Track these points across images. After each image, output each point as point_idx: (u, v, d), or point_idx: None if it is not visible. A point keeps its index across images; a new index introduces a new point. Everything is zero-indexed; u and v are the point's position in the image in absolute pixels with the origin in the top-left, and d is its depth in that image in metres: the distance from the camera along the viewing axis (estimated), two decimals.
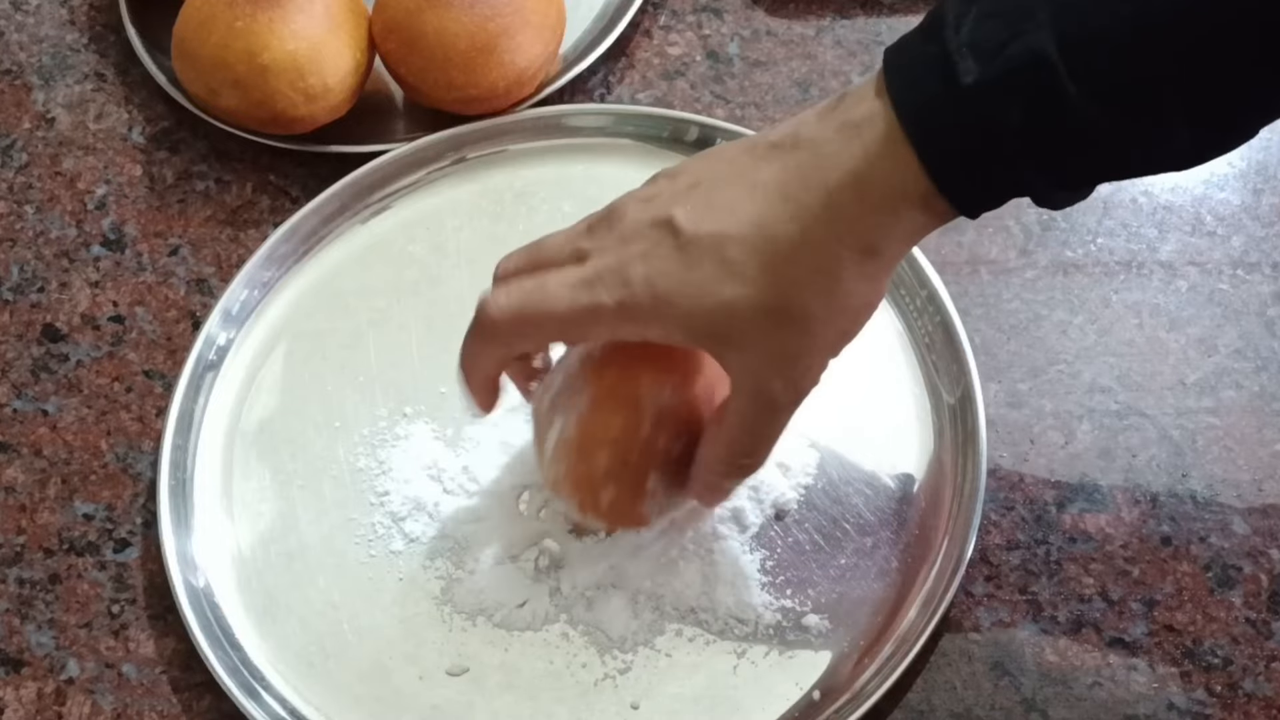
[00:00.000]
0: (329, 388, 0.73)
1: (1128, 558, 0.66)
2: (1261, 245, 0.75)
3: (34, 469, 0.72)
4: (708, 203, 0.54)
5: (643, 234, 0.55)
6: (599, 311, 0.55)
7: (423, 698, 0.65)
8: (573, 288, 0.56)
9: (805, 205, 0.53)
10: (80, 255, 0.78)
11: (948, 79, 0.51)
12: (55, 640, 0.67)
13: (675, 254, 0.54)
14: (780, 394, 0.56)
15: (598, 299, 0.55)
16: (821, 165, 0.53)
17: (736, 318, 0.54)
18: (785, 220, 0.53)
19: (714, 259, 0.53)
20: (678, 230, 0.54)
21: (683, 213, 0.54)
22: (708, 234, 0.54)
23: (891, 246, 0.54)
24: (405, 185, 0.78)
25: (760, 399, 0.56)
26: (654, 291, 0.54)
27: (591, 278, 0.55)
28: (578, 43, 0.83)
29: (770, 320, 0.54)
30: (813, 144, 0.54)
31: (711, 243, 0.54)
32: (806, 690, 0.64)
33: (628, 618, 0.65)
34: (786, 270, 0.53)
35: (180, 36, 0.78)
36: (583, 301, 0.55)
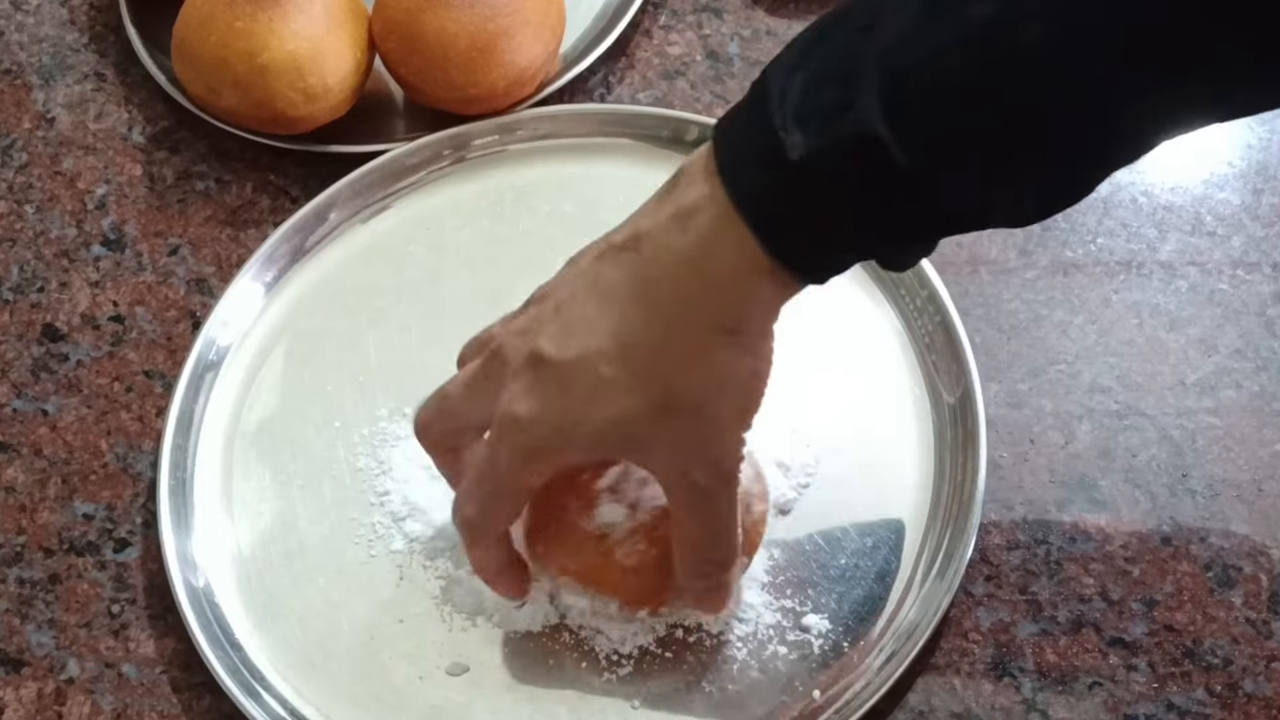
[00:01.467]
0: (329, 388, 0.73)
1: (1128, 558, 0.66)
2: (1261, 245, 0.75)
3: (34, 469, 0.72)
4: (567, 326, 0.55)
5: (521, 373, 0.56)
6: (515, 463, 0.57)
7: (423, 698, 0.65)
8: (493, 455, 0.57)
9: (655, 303, 0.53)
10: (80, 255, 0.78)
11: (775, 156, 0.50)
12: (55, 640, 0.67)
13: (552, 385, 0.55)
14: (705, 481, 0.56)
15: (508, 453, 0.57)
16: (661, 260, 0.53)
17: (631, 426, 0.55)
18: (641, 324, 0.53)
19: (587, 381, 0.54)
20: (546, 362, 0.55)
21: (548, 342, 0.55)
22: (574, 359, 0.54)
23: (753, 319, 0.54)
24: (405, 185, 0.78)
25: (691, 492, 0.57)
26: (544, 427, 0.55)
27: (496, 438, 0.57)
28: (578, 43, 0.83)
29: (663, 419, 0.54)
30: (650, 238, 0.54)
31: (579, 366, 0.54)
32: (806, 690, 0.64)
33: (628, 618, 0.65)
34: (658, 370, 0.54)
35: (180, 36, 0.78)
36: (503, 463, 0.57)
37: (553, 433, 0.55)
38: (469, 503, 0.60)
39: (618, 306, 0.54)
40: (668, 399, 0.54)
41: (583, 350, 0.54)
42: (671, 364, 0.54)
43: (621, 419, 0.54)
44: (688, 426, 0.55)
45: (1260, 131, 0.78)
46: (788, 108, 0.49)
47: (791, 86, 0.50)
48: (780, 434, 0.68)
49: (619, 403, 0.54)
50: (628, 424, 0.54)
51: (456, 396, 0.60)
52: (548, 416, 0.55)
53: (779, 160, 0.49)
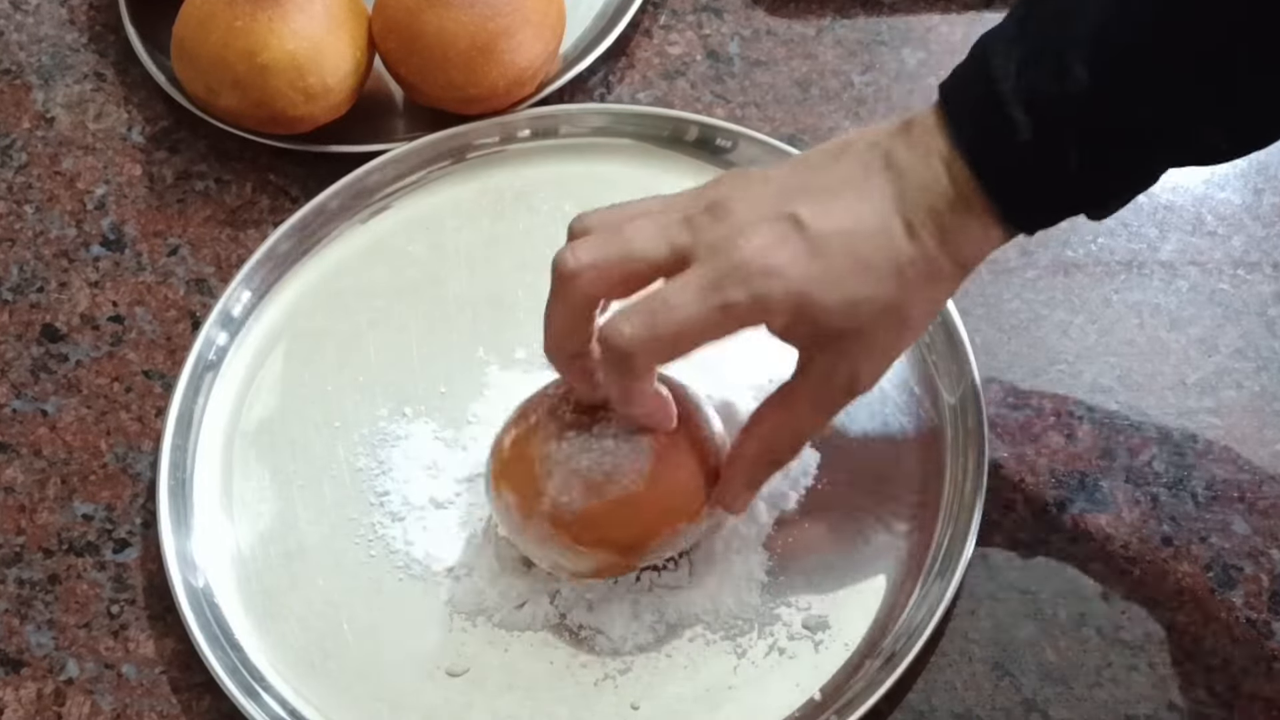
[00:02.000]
0: (329, 388, 0.73)
1: (1128, 558, 0.66)
2: (1262, 245, 0.75)
3: (33, 469, 0.72)
4: (827, 203, 0.56)
5: (763, 228, 0.56)
6: (733, 310, 0.55)
7: (423, 698, 0.65)
8: (699, 293, 0.55)
9: (918, 223, 0.56)
10: (80, 255, 0.78)
11: (1007, 136, 0.55)
12: (55, 640, 0.67)
13: (805, 247, 0.55)
14: (865, 384, 0.59)
15: (730, 298, 0.55)
16: (926, 191, 0.56)
17: (862, 310, 0.56)
18: (904, 232, 0.56)
19: (846, 255, 0.56)
20: (804, 225, 0.56)
21: (806, 210, 0.56)
22: (835, 231, 0.56)
23: (978, 261, 0.58)
24: (405, 185, 0.78)
25: (845, 388, 0.59)
26: (789, 284, 0.55)
27: (718, 278, 0.55)
28: (578, 42, 0.83)
29: (888, 318, 0.57)
30: (910, 170, 0.57)
31: (842, 240, 0.56)
32: (806, 690, 0.64)
33: (628, 618, 0.65)
34: (909, 275, 0.56)
35: (180, 36, 0.78)
36: (714, 305, 0.55)
37: (799, 288, 0.55)
38: (631, 325, 0.56)
39: (884, 209, 0.56)
40: (900, 303, 0.57)
41: (847, 227, 0.56)
42: (917, 277, 0.57)
43: (867, 300, 0.56)
44: (895, 335, 0.58)
45: None
46: (1010, 83, 0.55)
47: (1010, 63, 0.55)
48: None
49: (865, 286, 0.56)
50: (864, 307, 0.56)
51: (646, 237, 0.57)
52: (800, 273, 0.55)
53: (1011, 141, 0.55)
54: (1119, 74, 0.54)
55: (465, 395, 0.71)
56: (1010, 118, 0.55)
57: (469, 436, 0.70)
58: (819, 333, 0.57)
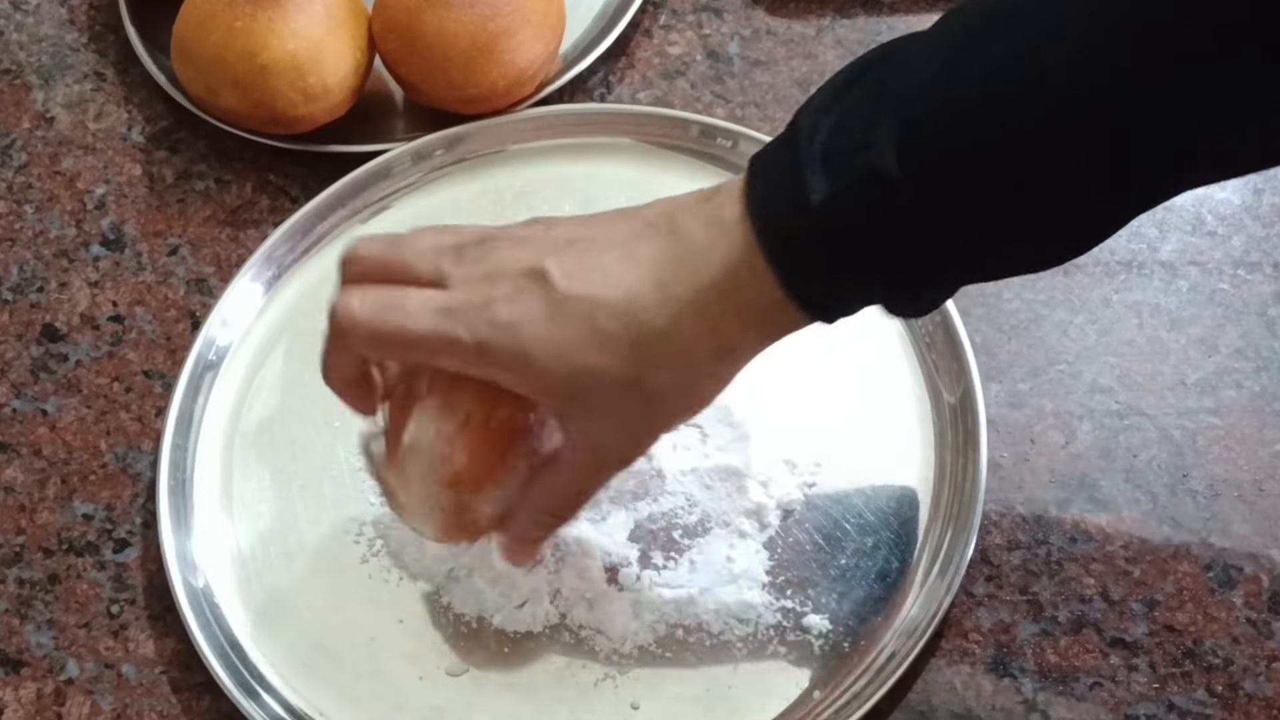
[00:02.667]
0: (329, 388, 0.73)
1: (1128, 558, 0.66)
2: (1262, 245, 0.75)
3: (34, 469, 0.72)
4: (582, 263, 0.55)
5: (512, 277, 0.55)
6: (455, 344, 0.55)
7: (423, 698, 0.65)
8: (433, 313, 0.55)
9: (676, 297, 0.54)
10: (80, 255, 0.78)
11: (798, 195, 0.51)
12: (55, 640, 0.67)
13: (543, 307, 0.54)
14: (614, 458, 0.58)
15: (455, 332, 0.55)
16: (692, 261, 0.54)
17: (595, 384, 0.54)
18: (657, 306, 0.54)
19: (584, 323, 0.54)
20: (549, 284, 0.54)
21: (557, 266, 0.54)
22: (580, 295, 0.54)
23: (747, 349, 0.56)
24: (405, 185, 0.78)
25: (597, 459, 0.58)
26: (516, 340, 0.54)
27: (453, 308, 0.55)
28: (578, 43, 0.83)
29: (626, 394, 0.55)
30: (687, 236, 0.54)
31: (583, 305, 0.54)
32: (806, 690, 0.64)
33: (628, 618, 0.65)
34: (651, 353, 0.54)
35: (180, 36, 0.78)
36: (441, 329, 0.55)
37: (515, 350, 0.54)
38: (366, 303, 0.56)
39: (639, 276, 0.54)
40: (642, 381, 0.54)
41: (591, 293, 0.54)
42: (662, 355, 0.54)
43: (592, 374, 0.54)
44: (639, 412, 0.56)
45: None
46: (815, 147, 0.51)
47: (820, 128, 0.51)
48: (784, 433, 0.69)
49: (598, 359, 0.54)
50: (594, 381, 0.54)
51: (416, 247, 0.57)
52: (523, 334, 0.54)
53: (801, 201, 0.51)
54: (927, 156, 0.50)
55: None
56: (804, 179, 0.51)
57: None
58: (551, 399, 0.56)
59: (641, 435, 0.57)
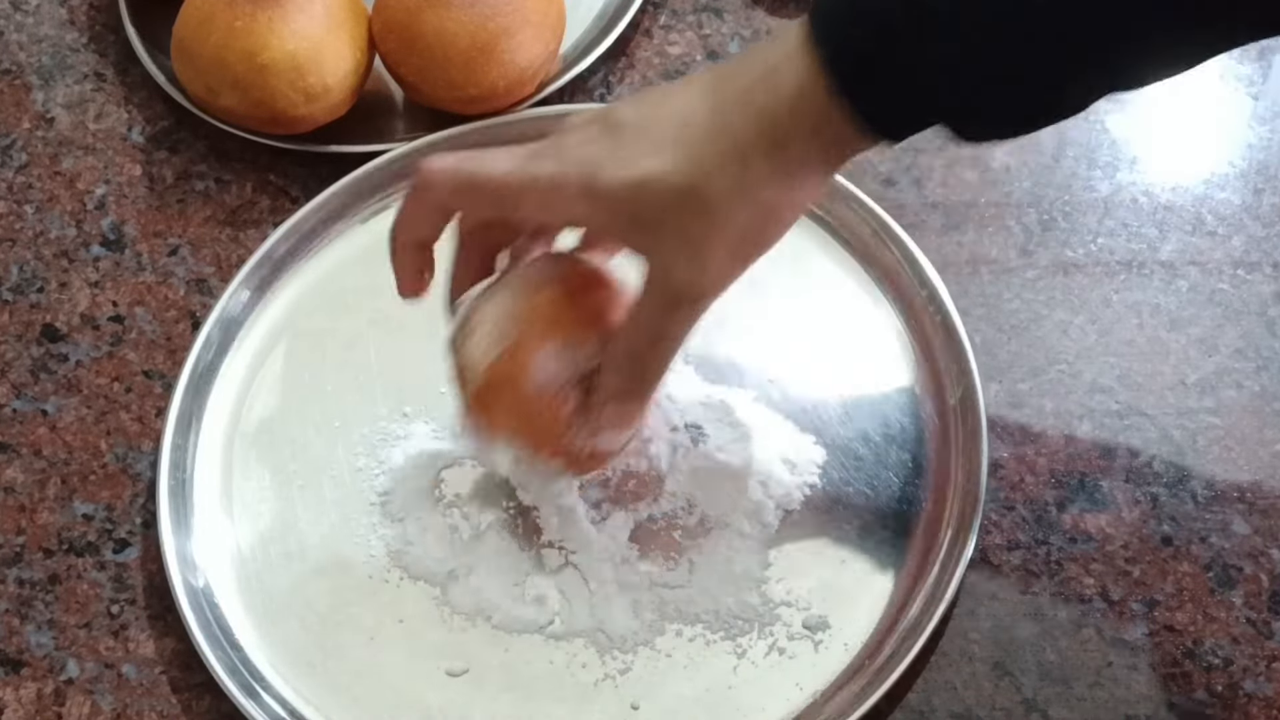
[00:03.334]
0: (329, 388, 0.73)
1: (1128, 558, 0.66)
2: (1262, 245, 0.75)
3: (34, 469, 0.72)
4: (642, 100, 0.58)
5: (582, 127, 0.58)
6: (533, 181, 0.58)
7: (423, 698, 0.65)
8: (511, 157, 0.59)
9: (723, 96, 0.56)
10: (80, 255, 0.78)
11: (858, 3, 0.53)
12: (55, 640, 0.67)
13: (608, 136, 0.57)
14: (682, 284, 0.57)
15: (533, 169, 0.58)
16: (741, 65, 0.56)
17: (651, 193, 0.55)
18: (704, 108, 0.56)
19: (639, 137, 0.56)
20: (613, 120, 0.57)
21: (621, 108, 0.58)
22: (637, 117, 0.57)
23: (800, 146, 0.55)
24: (405, 185, 0.78)
25: (664, 289, 0.58)
26: (581, 166, 0.57)
27: (530, 153, 0.59)
28: (578, 43, 0.83)
29: (681, 201, 0.55)
30: (740, 57, 0.57)
31: (639, 125, 0.57)
32: (806, 690, 0.64)
33: (628, 618, 0.65)
34: (699, 150, 0.55)
35: (180, 36, 0.78)
36: (518, 169, 0.58)
37: (582, 173, 0.56)
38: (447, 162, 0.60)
39: (691, 92, 0.57)
40: (698, 185, 0.55)
41: (649, 113, 0.57)
42: (710, 151, 0.55)
43: (652, 179, 0.55)
44: (698, 224, 0.56)
45: (1261, 131, 0.78)
46: None
47: None
48: (785, 433, 0.69)
49: (658, 163, 0.55)
50: (654, 187, 0.56)
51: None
52: (589, 156, 0.57)
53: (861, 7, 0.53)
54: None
55: None
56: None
57: None
58: (617, 219, 0.57)
59: (705, 251, 0.57)
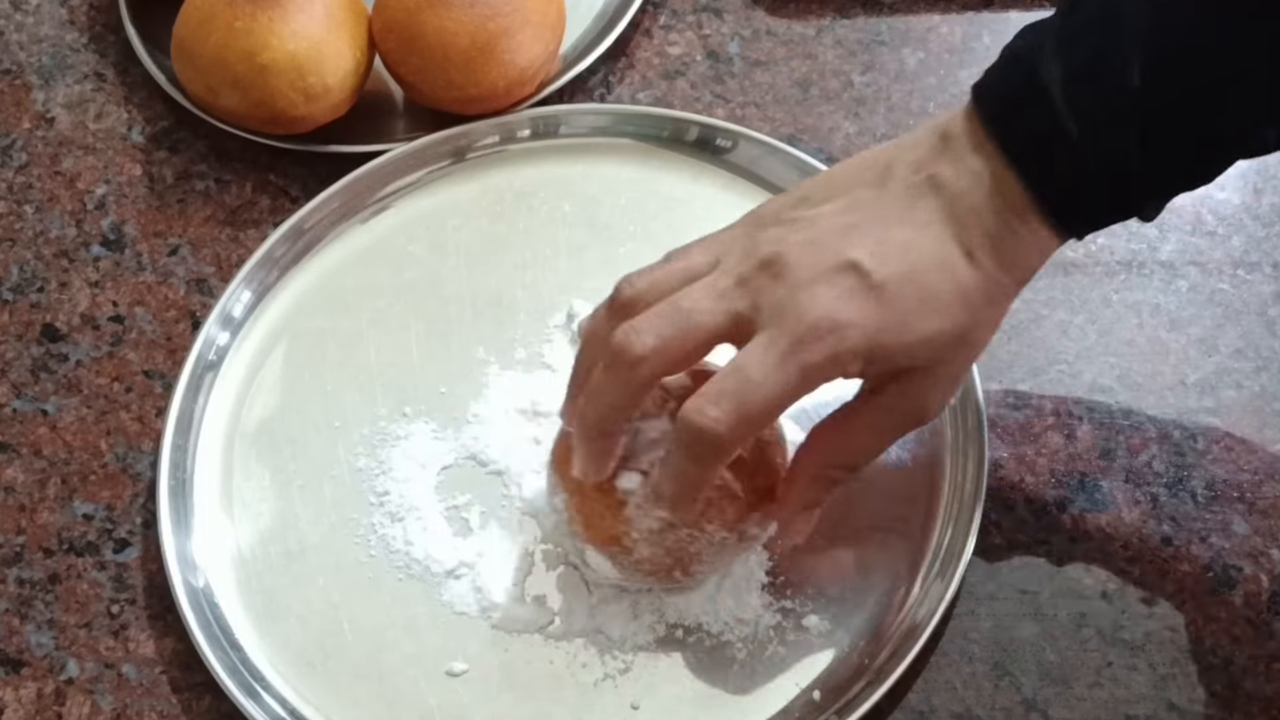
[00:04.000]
0: (329, 388, 0.73)
1: (1128, 558, 0.66)
2: (1262, 245, 0.75)
3: (34, 469, 0.72)
4: (880, 242, 0.56)
5: (827, 279, 0.56)
6: (812, 373, 0.55)
7: (423, 698, 0.65)
8: (780, 362, 0.55)
9: (978, 246, 0.56)
10: (80, 255, 0.78)
11: (1059, 140, 0.55)
12: (55, 640, 0.67)
13: (872, 295, 0.56)
14: (933, 413, 0.60)
15: (807, 361, 0.55)
16: (977, 212, 0.56)
17: (934, 347, 0.57)
18: (962, 258, 0.56)
19: (912, 296, 0.56)
20: (866, 272, 0.56)
21: (864, 254, 0.56)
22: (898, 274, 0.56)
23: (1034, 272, 0.59)
24: (405, 185, 0.78)
25: (914, 416, 0.60)
26: (864, 334, 0.55)
27: (792, 344, 0.55)
28: (578, 43, 0.83)
29: (957, 347, 0.58)
30: (959, 192, 0.57)
31: (906, 281, 0.56)
32: (806, 690, 0.64)
33: (628, 618, 0.65)
34: (974, 301, 0.57)
35: (180, 36, 0.78)
36: (793, 371, 0.55)
37: (870, 339, 0.55)
38: (721, 409, 0.55)
39: (938, 240, 0.57)
40: (970, 333, 0.58)
41: (908, 268, 0.56)
42: (980, 302, 0.57)
43: (936, 336, 0.57)
44: (964, 361, 0.59)
45: None
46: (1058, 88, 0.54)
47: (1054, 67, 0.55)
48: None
49: (933, 323, 0.56)
50: (939, 342, 0.57)
51: (707, 308, 0.57)
52: (869, 323, 0.55)
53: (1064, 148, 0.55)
54: (1172, 72, 0.53)
55: (465, 395, 0.71)
56: (1060, 120, 0.54)
57: (469, 436, 0.70)
58: (895, 371, 0.58)
59: (956, 386, 0.60)
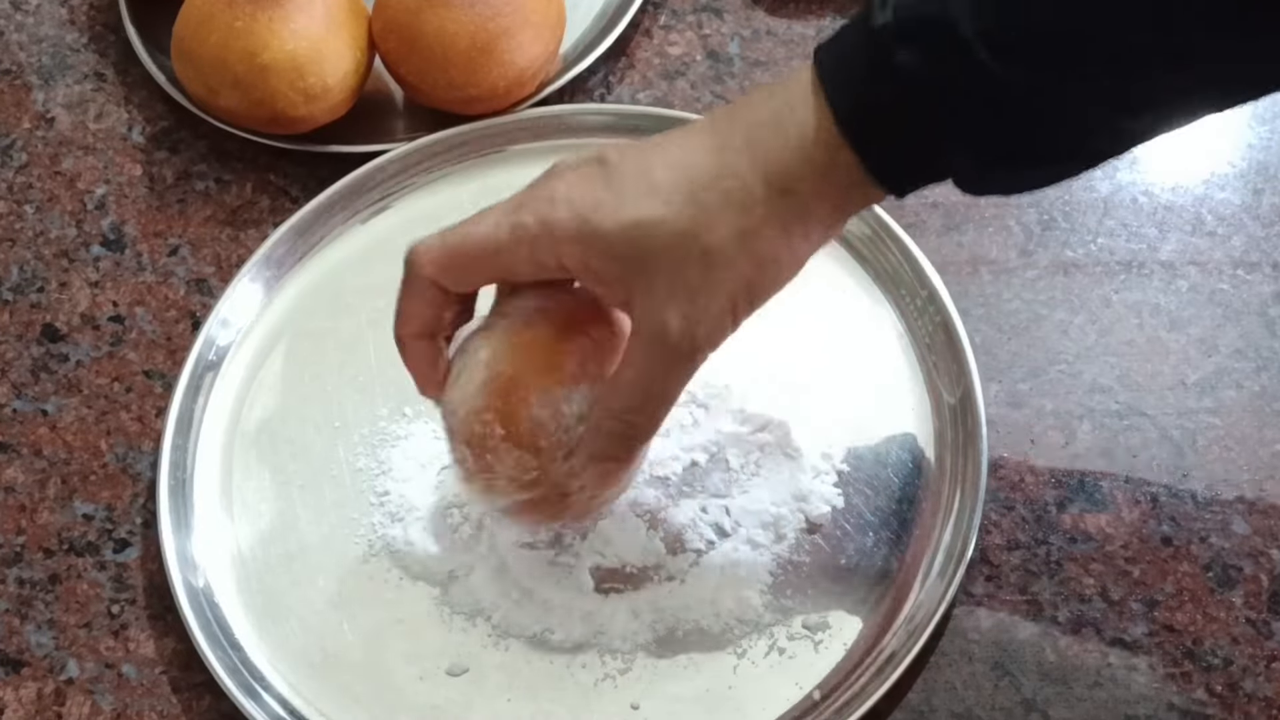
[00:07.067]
0: (329, 388, 0.73)
1: (1128, 558, 0.66)
2: (1262, 245, 0.75)
3: (34, 469, 0.72)
4: (638, 145, 0.57)
5: (571, 169, 0.57)
6: (522, 232, 0.56)
7: (423, 698, 0.65)
8: (498, 215, 0.57)
9: (726, 139, 0.54)
10: (80, 255, 0.78)
11: (861, 26, 0.52)
12: (55, 640, 0.67)
13: (600, 178, 0.55)
14: (675, 332, 0.55)
15: (521, 219, 0.56)
16: (746, 108, 0.55)
17: (648, 237, 0.54)
18: (707, 151, 0.55)
19: (636, 180, 0.55)
20: (606, 162, 0.56)
21: (613, 151, 0.56)
22: (636, 159, 0.56)
23: (805, 195, 0.54)
24: (405, 185, 0.78)
25: (657, 338, 0.55)
26: (574, 208, 0.55)
27: (516, 204, 0.57)
28: (578, 43, 0.83)
29: (679, 246, 0.54)
30: (745, 99, 0.56)
31: (636, 168, 0.55)
32: (806, 690, 0.64)
33: (628, 619, 0.65)
34: (702, 195, 0.54)
35: (180, 36, 0.78)
36: (506, 224, 0.56)
37: (574, 216, 0.55)
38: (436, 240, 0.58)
39: (692, 135, 0.56)
40: (695, 228, 0.54)
41: (645, 158, 0.55)
42: (713, 196, 0.54)
43: (650, 222, 0.54)
44: (696, 271, 0.54)
45: (1260, 131, 0.78)
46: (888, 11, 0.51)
47: None
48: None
49: (649, 207, 0.54)
50: (652, 230, 0.54)
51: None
52: (582, 200, 0.55)
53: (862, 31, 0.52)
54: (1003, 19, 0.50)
55: None
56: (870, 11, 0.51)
57: None
58: (612, 266, 0.55)
59: (701, 300, 0.54)
